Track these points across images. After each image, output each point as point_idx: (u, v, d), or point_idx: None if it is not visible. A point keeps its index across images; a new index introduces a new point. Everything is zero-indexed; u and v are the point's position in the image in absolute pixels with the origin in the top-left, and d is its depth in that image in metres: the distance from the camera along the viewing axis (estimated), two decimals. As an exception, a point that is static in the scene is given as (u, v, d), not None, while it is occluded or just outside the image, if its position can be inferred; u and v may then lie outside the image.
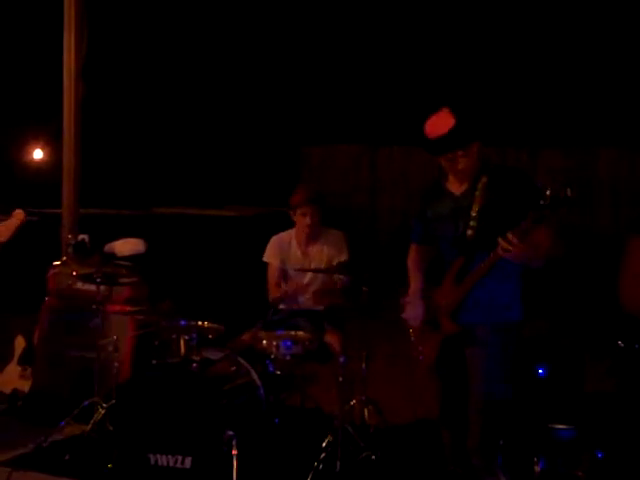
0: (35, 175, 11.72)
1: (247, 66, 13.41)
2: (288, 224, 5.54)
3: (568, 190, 3.47)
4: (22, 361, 5.90)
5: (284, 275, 5.45)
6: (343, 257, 5.35)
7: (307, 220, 5.31)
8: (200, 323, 4.95)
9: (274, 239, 5.53)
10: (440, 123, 3.81)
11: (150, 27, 12.47)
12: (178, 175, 12.86)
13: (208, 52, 13.15)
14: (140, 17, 12.25)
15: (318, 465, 4.46)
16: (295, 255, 5.45)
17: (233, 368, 4.79)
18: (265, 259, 5.50)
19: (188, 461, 4.39)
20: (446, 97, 4.23)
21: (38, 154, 12.34)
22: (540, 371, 4.62)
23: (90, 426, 4.93)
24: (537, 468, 3.90)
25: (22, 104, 11.56)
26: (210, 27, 12.96)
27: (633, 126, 11.40)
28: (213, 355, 4.83)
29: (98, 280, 5.26)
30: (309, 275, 5.37)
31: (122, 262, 5.88)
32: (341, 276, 5.05)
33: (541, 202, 3.51)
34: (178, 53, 12.88)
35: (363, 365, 4.81)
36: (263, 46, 13.25)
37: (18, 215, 4.73)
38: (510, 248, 3.58)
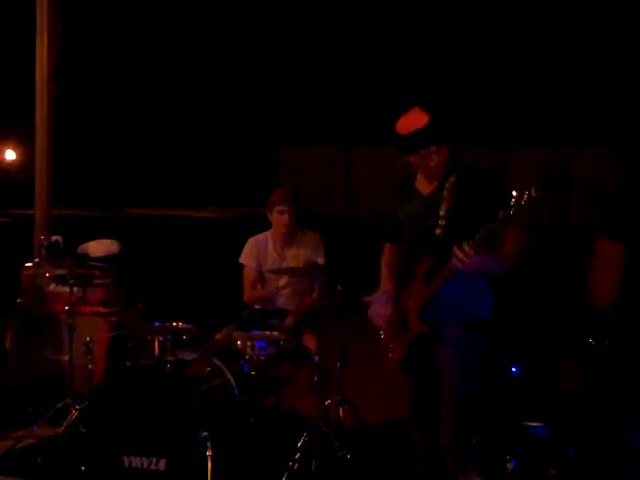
0: (7, 176, 11.62)
1: (224, 65, 13.38)
2: (265, 226, 5.54)
3: (533, 190, 3.50)
4: (-7, 363, 5.85)
5: (260, 277, 5.45)
6: (320, 259, 5.37)
7: (285, 218, 5.31)
8: (174, 324, 4.95)
9: (250, 241, 5.53)
10: (413, 119, 3.82)
11: (125, 27, 12.41)
12: (153, 175, 12.81)
13: (183, 52, 13.10)
14: (115, 17, 12.19)
15: (293, 465, 4.46)
16: (272, 257, 5.45)
17: (208, 369, 4.77)
18: (241, 261, 5.49)
19: (162, 463, 4.38)
20: (419, 97, 4.25)
21: (10, 155, 12.25)
22: (513, 369, 4.65)
23: (63, 428, 4.88)
24: (510, 466, 3.92)
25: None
26: (186, 27, 12.92)
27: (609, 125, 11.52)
28: (187, 356, 4.82)
29: (71, 281, 5.22)
30: (285, 277, 5.37)
31: (96, 263, 5.84)
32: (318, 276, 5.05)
33: (509, 203, 3.53)
34: (153, 53, 12.83)
35: (338, 364, 4.82)
36: (240, 46, 13.22)
37: None
38: (465, 259, 3.59)
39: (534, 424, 4.18)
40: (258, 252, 5.47)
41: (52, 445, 4.85)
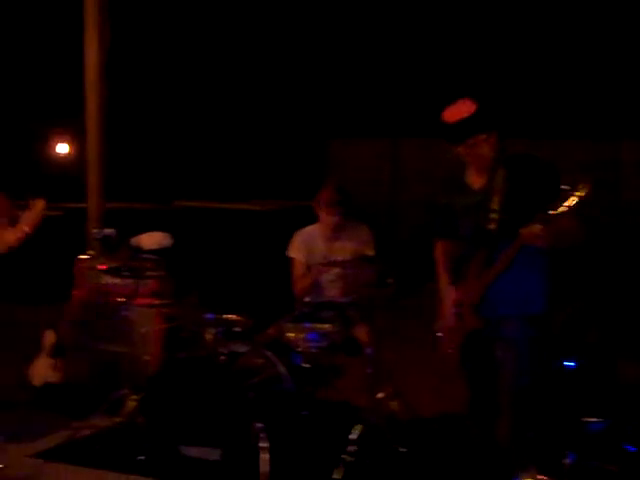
0: (61, 169, 11.79)
1: (272, 60, 13.43)
2: (313, 218, 5.53)
3: (584, 185, 3.47)
4: (52, 354, 5.94)
5: (309, 269, 5.45)
6: (369, 251, 5.36)
7: (332, 219, 5.32)
8: (227, 316, 4.98)
9: (298, 234, 5.53)
10: (461, 108, 3.80)
11: (174, 21, 12.51)
12: (203, 168, 12.90)
13: (233, 46, 13.17)
14: (164, 12, 12.28)
15: (346, 458, 4.46)
16: (320, 249, 5.44)
17: (260, 361, 4.80)
18: (289, 254, 5.50)
19: (217, 453, 4.42)
20: (466, 90, 4.22)
21: (63, 148, 12.42)
22: (569, 364, 4.60)
23: (120, 418, 4.96)
24: (568, 461, 3.88)
25: (47, 100, 11.64)
26: (234, 21, 12.98)
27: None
28: (240, 348, 4.84)
29: (125, 274, 5.29)
30: (335, 269, 5.36)
31: (148, 256, 5.89)
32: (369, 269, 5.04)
33: (563, 195, 3.50)
34: (202, 47, 12.91)
35: (391, 357, 4.80)
36: (288, 40, 13.25)
37: (39, 204, 4.75)
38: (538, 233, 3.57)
39: (593, 419, 4.13)
40: (306, 245, 5.47)
41: (110, 435, 4.92)
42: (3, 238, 4.78)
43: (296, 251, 5.48)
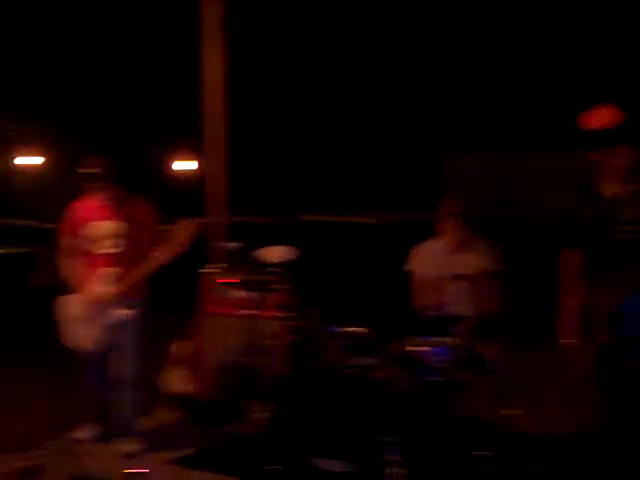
0: (189, 185, 12.14)
1: (390, 76, 13.46)
2: (431, 230, 5.51)
3: None
4: (181, 364, 6.11)
5: (430, 283, 5.41)
6: (493, 265, 5.27)
7: (455, 230, 5.27)
8: (351, 329, 5.00)
9: (417, 248, 5.51)
10: (607, 115, 3.69)
11: (295, 37, 12.70)
12: (325, 183, 13.04)
13: (355, 62, 13.29)
14: (285, 28, 12.50)
15: (476, 475, 4.38)
16: (444, 263, 5.40)
17: (388, 374, 4.79)
18: (407, 268, 5.48)
19: (347, 465, 4.43)
20: (586, 102, 4.09)
21: (190, 165, 12.79)
22: None
23: (250, 428, 5.05)
24: None
25: (174, 117, 12.01)
26: (357, 38, 13.09)
27: None
28: (367, 361, 4.85)
29: (250, 287, 5.39)
30: (459, 283, 5.31)
31: (273, 269, 5.97)
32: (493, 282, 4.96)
33: None
34: (323, 64, 13.07)
35: (520, 373, 4.70)
36: (408, 56, 13.27)
37: (188, 226, 5.16)
38: None
39: None
40: (427, 258, 5.44)
41: (242, 444, 5.03)
42: (157, 257, 5.15)
43: (415, 265, 5.45)
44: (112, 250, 5.11)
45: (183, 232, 5.14)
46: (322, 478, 4.46)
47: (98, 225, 5.13)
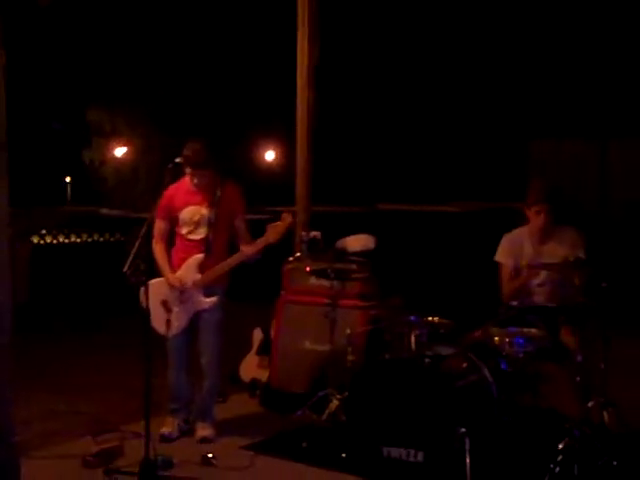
0: (267, 175, 12.28)
1: (473, 60, 13.31)
2: (514, 219, 5.42)
3: None
4: (260, 351, 6.21)
5: (517, 274, 5.34)
6: (579, 254, 5.15)
7: (541, 218, 5.17)
8: (430, 319, 4.98)
9: (506, 238, 5.42)
10: None
11: (379, 30, 12.68)
12: (403, 172, 12.99)
13: (435, 50, 13.19)
14: (370, 20, 12.49)
15: (554, 468, 4.31)
16: (528, 252, 5.31)
17: (464, 364, 4.76)
18: (497, 259, 5.40)
19: (420, 455, 4.43)
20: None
21: (270, 155, 12.92)
22: None
23: (325, 416, 5.09)
24: None
25: (255, 110, 12.15)
26: (436, 27, 12.99)
27: None
28: (444, 351, 4.83)
29: (331, 275, 5.43)
30: (543, 273, 5.22)
31: (354, 258, 6.00)
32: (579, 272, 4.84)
33: None
34: (406, 54, 13.01)
35: (602, 365, 4.60)
36: (489, 41, 13.09)
37: (286, 218, 5.03)
38: None
39: None
40: (514, 249, 5.36)
41: (314, 431, 5.06)
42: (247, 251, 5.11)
43: (504, 255, 5.37)
44: (201, 236, 5.11)
45: (281, 226, 5.04)
46: (394, 467, 4.47)
47: (190, 210, 5.13)
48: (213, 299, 5.08)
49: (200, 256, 5.08)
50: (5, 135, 4.39)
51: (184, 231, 5.15)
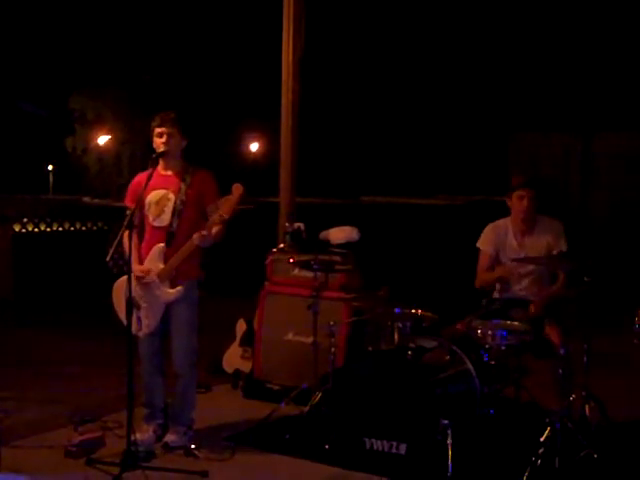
0: (251, 165, 12.26)
1: (454, 55, 13.33)
2: (497, 212, 5.45)
3: None
4: (243, 343, 6.20)
5: (496, 264, 5.35)
6: (562, 247, 5.18)
7: (524, 203, 5.19)
8: (414, 311, 4.99)
9: (490, 226, 5.43)
10: None
11: (362, 25, 12.68)
12: (386, 165, 13.01)
13: (419, 45, 13.20)
14: (353, 15, 12.49)
15: (536, 460, 4.34)
16: (511, 245, 5.33)
17: (447, 357, 4.77)
18: (479, 245, 5.41)
19: (403, 447, 4.45)
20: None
21: (253, 146, 12.89)
22: None
23: (308, 408, 5.09)
24: None
25: (240, 101, 12.12)
26: (420, 23, 13.00)
27: None
28: (427, 343, 4.84)
29: (315, 267, 5.41)
30: (525, 265, 5.24)
31: (337, 249, 5.99)
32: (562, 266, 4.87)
33: None
34: (388, 47, 13.02)
35: (584, 359, 4.62)
36: (474, 36, 13.11)
37: (237, 189, 4.64)
38: None
39: None
40: (497, 238, 5.37)
41: (297, 423, 5.05)
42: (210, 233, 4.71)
43: (486, 243, 5.39)
44: (165, 224, 4.78)
45: (233, 199, 4.58)
46: (377, 459, 4.48)
47: (155, 194, 4.81)
48: (178, 289, 4.72)
49: (162, 245, 4.76)
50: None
51: (150, 217, 4.82)
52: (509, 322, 4.85)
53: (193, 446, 4.74)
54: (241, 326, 6.28)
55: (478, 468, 4.40)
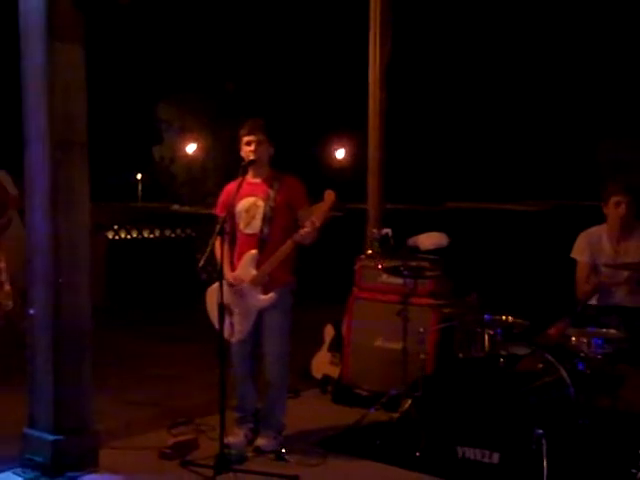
0: (339, 172, 12.32)
1: (542, 60, 13.14)
2: (585, 217, 5.35)
3: None
4: (332, 348, 6.22)
5: (594, 272, 5.24)
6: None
7: (621, 210, 5.10)
8: (505, 318, 4.92)
9: (583, 235, 5.34)
10: None
11: (449, 31, 12.62)
12: (473, 170, 12.90)
13: (506, 49, 13.07)
14: (440, 22, 12.44)
15: (636, 473, 4.21)
16: (606, 251, 5.22)
17: (540, 365, 4.68)
18: (574, 255, 5.32)
19: (496, 456, 4.38)
20: None
21: (340, 153, 12.96)
22: None
23: (398, 414, 5.06)
24: None
25: (326, 108, 12.21)
26: (511, 25, 12.87)
27: None
28: (519, 350, 4.76)
29: (404, 273, 5.40)
30: (622, 272, 5.11)
31: (426, 255, 5.96)
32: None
33: None
34: (476, 57, 12.93)
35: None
36: (558, 45, 12.91)
37: (329, 195, 4.67)
38: None
39: None
40: (591, 246, 5.28)
41: (387, 429, 5.04)
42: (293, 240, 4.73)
43: (580, 252, 5.29)
44: (256, 230, 4.82)
45: (326, 205, 4.62)
46: (469, 468, 4.42)
47: (245, 202, 4.86)
48: (271, 295, 4.76)
49: (255, 252, 4.79)
50: (86, 135, 4.50)
51: (241, 225, 4.88)
52: (605, 330, 4.73)
53: (284, 450, 4.78)
54: (329, 332, 6.31)
55: (573, 478, 4.31)
